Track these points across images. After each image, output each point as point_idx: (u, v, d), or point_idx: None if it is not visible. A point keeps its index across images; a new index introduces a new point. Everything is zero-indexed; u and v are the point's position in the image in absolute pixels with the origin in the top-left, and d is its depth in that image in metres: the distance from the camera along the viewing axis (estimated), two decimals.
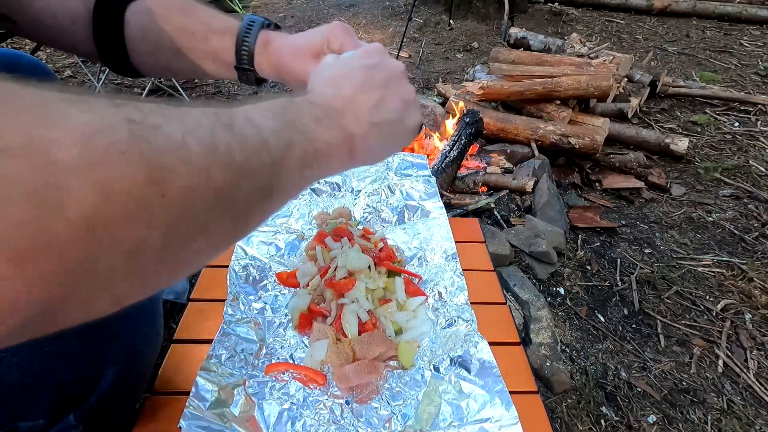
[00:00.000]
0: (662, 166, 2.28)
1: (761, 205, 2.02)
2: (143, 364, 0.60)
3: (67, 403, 0.51)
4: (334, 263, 0.76)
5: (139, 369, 0.59)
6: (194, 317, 0.76)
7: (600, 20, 4.53)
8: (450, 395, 0.62)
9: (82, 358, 0.51)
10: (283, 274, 0.81)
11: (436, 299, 0.78)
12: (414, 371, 0.66)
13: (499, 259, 1.48)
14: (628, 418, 1.19)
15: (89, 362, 0.52)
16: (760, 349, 1.40)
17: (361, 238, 0.82)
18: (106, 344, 0.53)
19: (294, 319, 0.72)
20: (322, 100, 0.42)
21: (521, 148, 2.11)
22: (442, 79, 3.12)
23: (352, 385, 0.62)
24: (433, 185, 0.99)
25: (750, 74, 3.34)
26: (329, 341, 0.66)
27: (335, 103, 0.42)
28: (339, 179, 1.02)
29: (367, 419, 0.59)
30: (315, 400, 0.61)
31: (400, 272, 0.79)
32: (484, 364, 0.65)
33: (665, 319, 1.48)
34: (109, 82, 2.73)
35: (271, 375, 0.64)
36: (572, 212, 1.87)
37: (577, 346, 1.37)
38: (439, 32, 4.13)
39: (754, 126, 2.65)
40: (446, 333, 0.71)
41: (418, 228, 0.91)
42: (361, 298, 0.71)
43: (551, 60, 2.48)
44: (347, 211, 0.94)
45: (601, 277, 1.62)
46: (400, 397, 0.62)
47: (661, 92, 2.89)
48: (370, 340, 0.66)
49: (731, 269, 1.68)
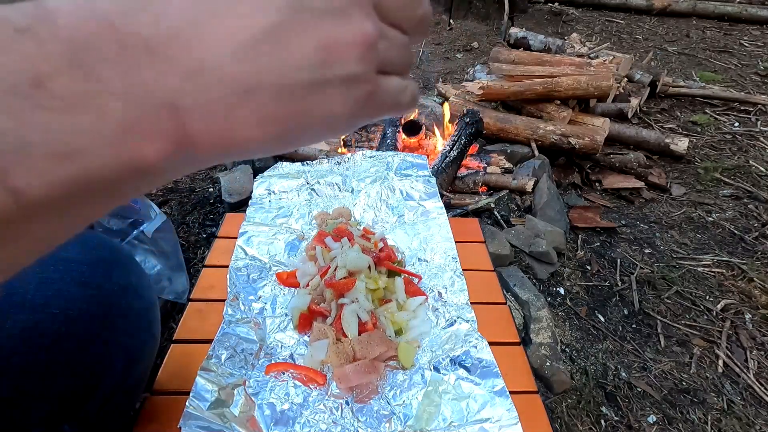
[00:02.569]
0: (662, 166, 2.28)
1: (761, 205, 2.02)
2: (140, 371, 0.60)
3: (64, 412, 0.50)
4: (334, 263, 0.76)
5: (136, 375, 0.58)
6: (194, 317, 0.76)
7: (600, 20, 4.53)
8: (450, 395, 0.62)
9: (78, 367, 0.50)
10: (283, 274, 0.81)
11: (436, 299, 0.78)
12: (414, 371, 0.66)
13: (499, 259, 1.48)
14: (628, 418, 1.19)
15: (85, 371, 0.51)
16: (760, 349, 1.40)
17: (361, 238, 0.82)
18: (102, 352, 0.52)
19: (294, 319, 0.72)
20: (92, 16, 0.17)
21: (521, 148, 2.10)
22: (442, 79, 3.12)
23: (352, 385, 0.62)
24: (433, 185, 1.00)
25: (750, 74, 3.34)
26: (329, 341, 0.67)
27: (134, 25, 0.17)
28: (339, 179, 1.02)
29: (367, 419, 0.60)
30: (315, 400, 0.61)
31: (400, 272, 0.79)
32: (484, 364, 0.65)
33: (665, 319, 1.48)
34: None
35: (271, 375, 0.64)
36: (572, 212, 1.87)
37: (577, 346, 1.37)
38: (439, 32, 4.13)
39: (754, 126, 2.65)
40: (446, 333, 0.72)
41: (418, 228, 0.91)
42: (361, 298, 0.71)
43: (551, 60, 2.48)
44: (347, 211, 0.94)
45: (601, 277, 1.62)
46: (400, 397, 0.62)
47: (661, 92, 2.89)
48: (370, 340, 0.66)
49: (731, 269, 1.68)
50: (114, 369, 0.53)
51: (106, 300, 0.52)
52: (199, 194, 1.90)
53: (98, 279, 0.53)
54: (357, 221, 0.94)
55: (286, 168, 1.08)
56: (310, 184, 1.01)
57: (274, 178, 1.05)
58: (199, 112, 0.18)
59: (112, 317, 0.53)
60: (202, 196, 1.88)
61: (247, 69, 0.19)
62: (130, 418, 0.63)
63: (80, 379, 0.51)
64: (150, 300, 0.60)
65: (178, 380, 0.66)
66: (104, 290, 0.53)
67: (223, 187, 1.74)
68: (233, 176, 1.77)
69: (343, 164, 1.06)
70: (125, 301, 0.55)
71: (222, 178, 1.78)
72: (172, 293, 1.22)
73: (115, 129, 0.17)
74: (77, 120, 0.16)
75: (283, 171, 1.07)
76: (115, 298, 0.53)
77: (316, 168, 1.04)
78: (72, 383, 0.50)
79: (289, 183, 1.02)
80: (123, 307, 0.54)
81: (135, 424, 0.62)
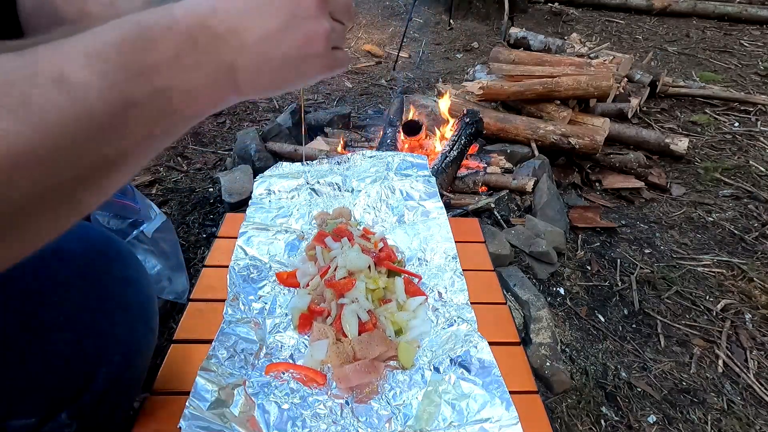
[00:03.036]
0: (662, 166, 2.28)
1: (761, 205, 2.02)
2: (138, 364, 0.60)
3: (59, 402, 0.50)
4: (334, 263, 0.76)
5: (134, 368, 0.59)
6: (194, 317, 0.76)
7: (600, 20, 4.53)
8: (450, 395, 0.62)
9: (75, 358, 0.50)
10: (283, 273, 0.81)
11: (436, 299, 0.78)
12: (414, 371, 0.66)
13: (499, 259, 1.48)
14: (628, 418, 1.19)
15: (83, 361, 0.51)
16: (760, 349, 1.40)
17: (361, 238, 0.82)
18: (100, 344, 0.52)
19: (294, 319, 0.72)
20: (194, 19, 0.31)
21: (521, 148, 2.10)
22: (442, 79, 3.12)
23: (352, 385, 0.62)
24: (433, 185, 0.99)
25: (750, 74, 3.34)
26: (329, 341, 0.66)
27: (214, 23, 0.32)
28: (339, 179, 1.02)
29: (367, 419, 0.59)
30: (315, 400, 0.61)
31: (400, 272, 0.79)
32: (484, 364, 0.65)
33: (665, 319, 1.48)
34: None
35: (271, 375, 0.64)
36: (572, 212, 1.87)
37: (577, 346, 1.37)
38: (439, 32, 4.13)
39: (754, 126, 2.65)
40: (446, 333, 0.71)
41: (418, 228, 0.91)
42: (361, 298, 0.71)
43: (551, 60, 2.48)
44: (347, 211, 0.94)
45: (601, 277, 1.62)
46: (400, 397, 0.62)
47: (661, 92, 2.89)
48: (370, 340, 0.66)
49: (731, 269, 1.68)
50: (111, 361, 0.53)
51: (104, 292, 0.53)
52: (199, 194, 1.90)
53: (98, 271, 0.53)
54: (357, 221, 0.94)
55: (286, 168, 1.08)
56: (310, 184, 1.01)
57: (274, 178, 1.05)
58: (242, 70, 0.34)
59: (110, 309, 0.53)
60: (202, 196, 1.88)
61: (267, 48, 0.35)
62: (130, 418, 0.63)
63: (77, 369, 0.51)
64: (148, 294, 0.60)
65: (178, 380, 0.66)
66: (103, 282, 0.53)
67: (223, 187, 1.74)
68: (233, 176, 1.77)
69: (343, 164, 1.06)
70: (124, 294, 0.55)
71: (222, 178, 1.78)
72: (172, 293, 1.22)
73: (214, 78, 0.33)
74: (198, 74, 0.32)
75: (283, 171, 1.07)
76: (114, 290, 0.54)
77: (316, 168, 1.04)
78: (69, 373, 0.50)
79: (289, 183, 1.02)
80: (121, 300, 0.54)
81: (135, 423, 0.62)
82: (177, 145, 2.34)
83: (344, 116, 2.42)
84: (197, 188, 1.96)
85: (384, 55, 3.68)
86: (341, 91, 3.10)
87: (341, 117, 2.41)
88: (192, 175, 2.08)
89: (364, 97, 3.01)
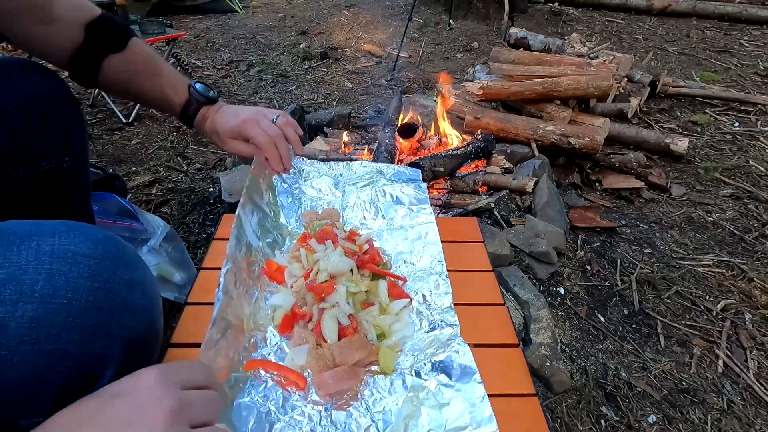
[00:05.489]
0: (662, 166, 2.28)
1: (761, 205, 2.01)
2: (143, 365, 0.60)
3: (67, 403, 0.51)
4: (316, 266, 0.75)
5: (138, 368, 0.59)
6: (191, 321, 0.75)
7: (600, 20, 4.53)
8: (430, 401, 0.61)
9: (83, 358, 0.51)
10: (273, 264, 0.80)
11: (420, 302, 0.77)
12: (395, 376, 0.65)
13: (499, 259, 1.48)
14: (628, 418, 1.19)
15: (90, 361, 0.52)
16: (760, 349, 1.40)
17: (345, 240, 0.81)
18: (107, 345, 0.53)
19: (276, 319, 0.71)
20: None
21: (521, 148, 2.10)
22: None
23: (331, 392, 0.61)
24: (424, 191, 0.99)
25: (750, 74, 3.34)
26: (309, 346, 0.66)
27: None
28: (332, 182, 1.02)
29: (345, 427, 0.59)
30: (293, 406, 0.60)
31: (383, 275, 0.78)
32: (466, 370, 0.64)
33: (665, 319, 1.47)
34: None
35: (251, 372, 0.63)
36: (572, 212, 1.87)
37: (577, 346, 1.37)
38: (439, 32, 4.13)
39: (754, 126, 2.65)
40: (429, 337, 0.70)
41: (407, 232, 0.90)
42: (341, 302, 0.70)
43: (551, 60, 2.48)
44: (336, 212, 0.94)
45: (601, 277, 1.62)
46: (380, 403, 0.61)
47: (661, 92, 2.89)
48: (350, 345, 0.64)
49: (731, 269, 1.68)
50: (118, 362, 0.54)
51: (111, 294, 0.54)
52: (199, 194, 1.91)
53: (105, 273, 0.54)
54: (344, 222, 0.93)
55: None
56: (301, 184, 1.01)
57: None
58: None
59: (117, 311, 0.54)
60: (202, 196, 1.88)
61: None
62: None
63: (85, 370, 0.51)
64: (153, 296, 0.61)
65: None
66: (110, 284, 0.54)
67: (222, 187, 1.74)
68: (233, 176, 1.77)
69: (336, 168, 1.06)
70: (130, 296, 0.56)
71: (222, 179, 1.78)
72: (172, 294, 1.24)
73: None
74: None
75: None
76: (121, 292, 0.55)
77: (308, 169, 1.04)
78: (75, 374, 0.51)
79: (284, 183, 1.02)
80: (128, 302, 0.55)
81: None
82: (177, 145, 2.34)
83: (344, 116, 2.42)
84: (197, 188, 1.96)
85: (384, 55, 3.68)
86: (341, 91, 3.10)
87: (341, 117, 2.41)
88: (192, 175, 2.08)
89: (364, 97, 3.01)
